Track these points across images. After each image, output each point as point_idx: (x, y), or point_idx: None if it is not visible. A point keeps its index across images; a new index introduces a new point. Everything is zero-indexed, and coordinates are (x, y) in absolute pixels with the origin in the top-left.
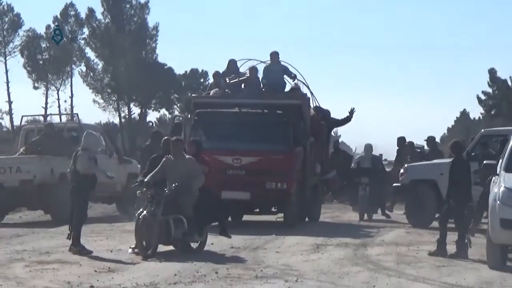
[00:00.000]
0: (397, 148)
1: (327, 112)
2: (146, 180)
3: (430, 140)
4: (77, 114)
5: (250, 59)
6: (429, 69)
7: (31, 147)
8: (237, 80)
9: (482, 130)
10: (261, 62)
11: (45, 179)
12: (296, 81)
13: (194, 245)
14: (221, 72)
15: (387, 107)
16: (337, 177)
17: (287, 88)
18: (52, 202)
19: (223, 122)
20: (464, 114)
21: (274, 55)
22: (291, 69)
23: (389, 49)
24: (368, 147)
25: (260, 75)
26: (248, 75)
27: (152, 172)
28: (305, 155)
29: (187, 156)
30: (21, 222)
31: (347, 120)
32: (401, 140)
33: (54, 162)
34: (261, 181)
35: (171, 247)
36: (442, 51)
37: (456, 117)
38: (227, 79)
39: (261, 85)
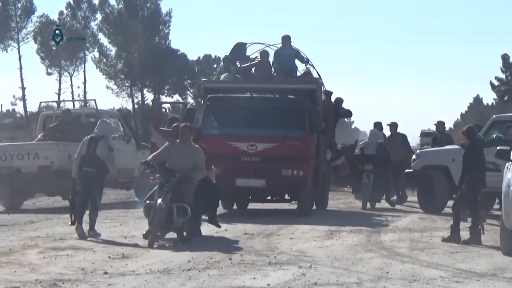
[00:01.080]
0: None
1: (340, 100)
2: (147, 159)
3: (440, 124)
4: (94, 100)
5: (259, 43)
6: (442, 56)
7: (49, 133)
8: (248, 64)
9: (494, 116)
10: (268, 45)
11: (63, 165)
12: (307, 65)
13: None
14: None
15: (401, 93)
16: (346, 164)
17: (298, 73)
18: (69, 187)
19: (236, 107)
20: (477, 99)
21: (286, 39)
22: (301, 54)
23: (402, 35)
24: (373, 133)
25: (271, 59)
26: (259, 59)
27: (154, 153)
28: (318, 141)
29: (196, 146)
30: (35, 209)
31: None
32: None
33: (71, 147)
34: (276, 168)
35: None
36: (455, 37)
37: (470, 103)
38: (237, 63)
39: (272, 70)
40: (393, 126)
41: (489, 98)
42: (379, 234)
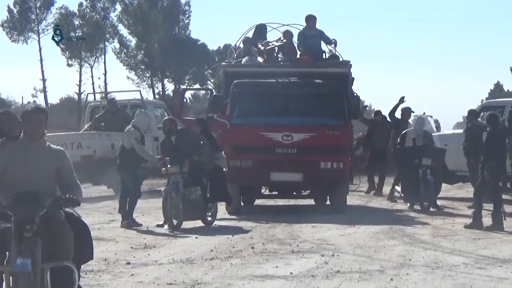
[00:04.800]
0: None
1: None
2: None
3: (405, 112)
4: (139, 90)
5: (280, 24)
6: (462, 42)
7: (95, 123)
8: (273, 46)
9: (484, 101)
10: (289, 25)
11: (106, 154)
12: (335, 46)
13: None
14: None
15: (419, 80)
16: (364, 155)
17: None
18: (113, 176)
19: (266, 93)
20: (498, 86)
21: (311, 19)
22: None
23: (421, 22)
24: (420, 121)
25: (294, 41)
26: (283, 40)
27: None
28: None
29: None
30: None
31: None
32: (406, 113)
33: (114, 137)
34: (314, 160)
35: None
36: (475, 24)
37: (490, 89)
38: (260, 46)
39: (298, 52)
40: (407, 112)
41: (509, 84)
42: (401, 221)
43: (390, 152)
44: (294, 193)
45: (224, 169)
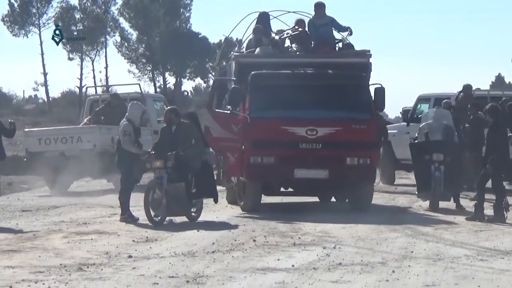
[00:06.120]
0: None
1: None
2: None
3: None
4: (139, 84)
5: (285, 11)
6: (463, 34)
7: (94, 116)
8: (288, 35)
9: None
10: (289, 12)
11: (106, 148)
12: (350, 34)
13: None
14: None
15: (422, 72)
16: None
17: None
18: (113, 170)
19: (287, 85)
20: (500, 78)
21: (319, 7)
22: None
23: (421, 14)
24: (440, 113)
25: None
26: (300, 29)
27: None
28: None
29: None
30: (77, 192)
31: None
32: None
33: (114, 131)
34: (341, 156)
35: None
36: (476, 15)
37: (492, 82)
38: (273, 35)
39: (312, 42)
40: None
41: (511, 76)
42: (403, 214)
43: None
44: (317, 192)
45: (213, 166)
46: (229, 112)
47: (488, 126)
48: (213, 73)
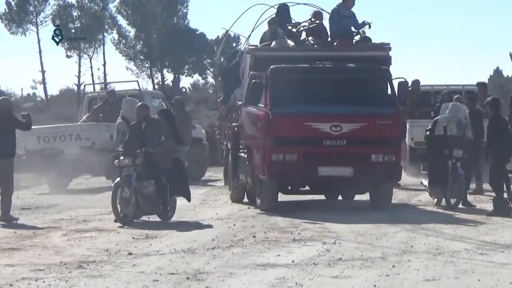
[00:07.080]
0: None
1: None
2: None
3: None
4: (137, 81)
5: (298, 3)
6: (461, 27)
7: (93, 114)
8: (306, 28)
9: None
10: (299, 4)
11: (105, 145)
12: (369, 28)
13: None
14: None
15: (420, 65)
16: None
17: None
18: (112, 167)
19: (307, 79)
20: (498, 71)
21: None
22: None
23: (420, 8)
24: (455, 108)
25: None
26: (317, 22)
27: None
28: None
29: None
30: (78, 189)
31: None
32: None
33: (113, 128)
34: (366, 153)
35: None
36: (474, 9)
37: (490, 75)
38: (290, 28)
39: (328, 35)
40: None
41: (509, 70)
42: (402, 208)
43: None
44: (341, 190)
45: (185, 164)
46: (255, 108)
47: (488, 118)
48: (211, 70)
